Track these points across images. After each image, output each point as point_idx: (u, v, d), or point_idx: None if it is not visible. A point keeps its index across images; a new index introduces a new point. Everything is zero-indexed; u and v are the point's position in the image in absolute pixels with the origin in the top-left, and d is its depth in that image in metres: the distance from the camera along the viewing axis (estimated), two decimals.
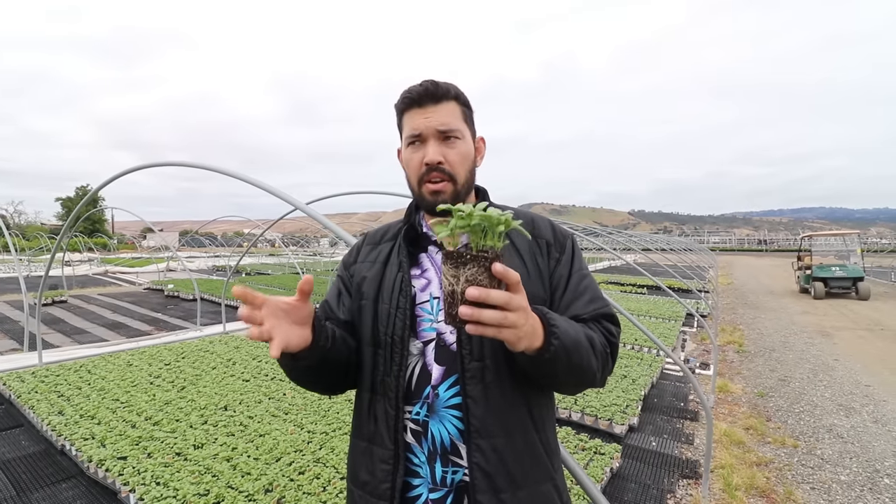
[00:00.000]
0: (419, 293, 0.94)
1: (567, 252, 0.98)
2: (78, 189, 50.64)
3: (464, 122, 0.96)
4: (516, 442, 0.87)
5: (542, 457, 0.90)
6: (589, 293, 0.94)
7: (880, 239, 43.98)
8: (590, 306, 0.92)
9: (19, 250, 18.92)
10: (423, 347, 0.91)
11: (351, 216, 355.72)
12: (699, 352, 6.58)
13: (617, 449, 3.20)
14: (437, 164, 0.91)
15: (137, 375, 4.56)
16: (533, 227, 1.00)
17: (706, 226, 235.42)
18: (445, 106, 0.93)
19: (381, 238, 1.06)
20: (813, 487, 3.11)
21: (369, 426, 0.92)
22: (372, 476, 0.89)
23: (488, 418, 0.85)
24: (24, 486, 2.86)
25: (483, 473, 0.84)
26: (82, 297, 11.60)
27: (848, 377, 5.41)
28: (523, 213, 1.03)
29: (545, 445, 0.91)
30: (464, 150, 0.94)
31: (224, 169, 2.85)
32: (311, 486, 2.59)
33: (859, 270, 11.90)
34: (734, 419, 4.21)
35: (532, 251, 0.96)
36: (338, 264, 5.15)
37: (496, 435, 0.85)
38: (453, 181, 0.92)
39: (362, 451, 0.93)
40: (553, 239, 0.98)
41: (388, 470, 0.87)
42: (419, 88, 0.92)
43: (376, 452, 0.90)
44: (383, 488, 0.87)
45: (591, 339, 0.83)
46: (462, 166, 0.94)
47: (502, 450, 0.85)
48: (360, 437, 0.95)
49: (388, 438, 0.88)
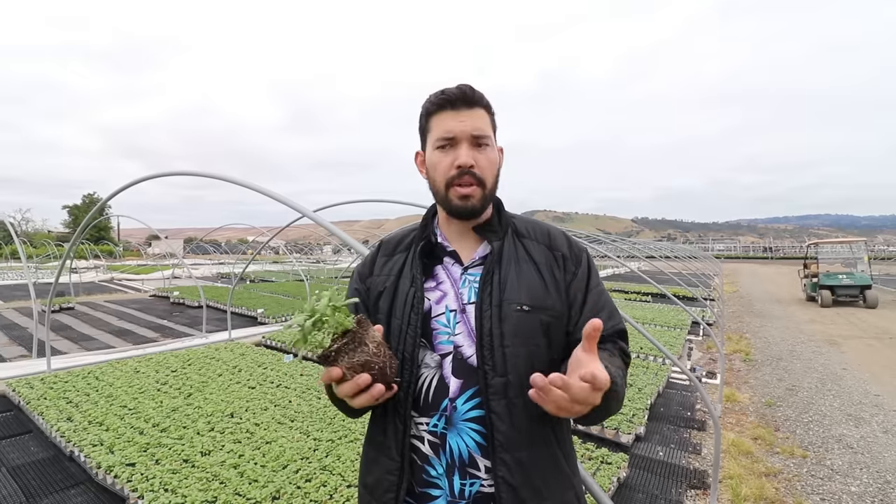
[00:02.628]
0: (434, 306, 0.94)
1: (583, 266, 0.97)
2: (85, 197, 51.14)
3: (490, 129, 0.96)
4: (539, 455, 0.87)
5: (563, 467, 0.91)
6: (606, 310, 0.94)
7: (887, 246, 43.65)
8: (608, 323, 0.92)
9: (27, 258, 19.10)
10: (441, 360, 0.90)
11: (354, 224, 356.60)
12: (705, 360, 6.54)
13: (624, 458, 3.18)
14: (470, 168, 0.91)
15: (144, 382, 4.58)
16: (549, 239, 0.99)
17: (710, 233, 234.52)
18: (478, 112, 0.93)
19: (394, 249, 1.04)
20: (823, 499, 3.08)
21: (378, 437, 0.94)
22: (378, 484, 0.92)
23: (512, 433, 0.85)
24: (34, 491, 2.87)
25: (508, 487, 0.84)
26: (89, 303, 11.68)
27: (857, 386, 5.36)
28: (538, 225, 1.03)
29: (566, 456, 0.92)
30: (493, 157, 0.95)
31: (233, 178, 2.89)
32: (317, 494, 2.60)
33: (867, 278, 11.80)
34: (742, 429, 4.17)
35: (549, 264, 0.95)
36: (341, 272, 5.12)
37: (520, 448, 0.85)
38: (482, 186, 0.92)
39: (372, 459, 0.95)
40: (569, 252, 0.98)
41: (393, 481, 0.89)
42: (455, 91, 0.92)
43: (383, 463, 0.91)
44: (388, 498, 0.89)
45: (622, 375, 0.84)
46: (490, 172, 0.94)
47: (527, 463, 0.86)
48: (371, 445, 0.97)
49: (395, 451, 0.90)
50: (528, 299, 0.89)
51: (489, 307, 0.88)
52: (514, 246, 0.96)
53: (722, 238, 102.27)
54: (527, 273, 0.92)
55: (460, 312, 0.92)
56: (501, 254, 0.94)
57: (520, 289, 0.90)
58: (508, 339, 0.87)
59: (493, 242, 0.95)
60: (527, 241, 0.98)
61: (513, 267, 0.93)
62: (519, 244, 0.97)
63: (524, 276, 0.92)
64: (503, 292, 0.89)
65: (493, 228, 0.97)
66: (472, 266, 0.96)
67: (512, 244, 0.96)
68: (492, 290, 0.90)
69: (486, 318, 0.88)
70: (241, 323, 8.81)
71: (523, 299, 0.89)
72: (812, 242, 14.56)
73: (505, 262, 0.93)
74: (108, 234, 46.56)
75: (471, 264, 0.96)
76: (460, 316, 0.92)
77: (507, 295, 0.89)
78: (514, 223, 1.00)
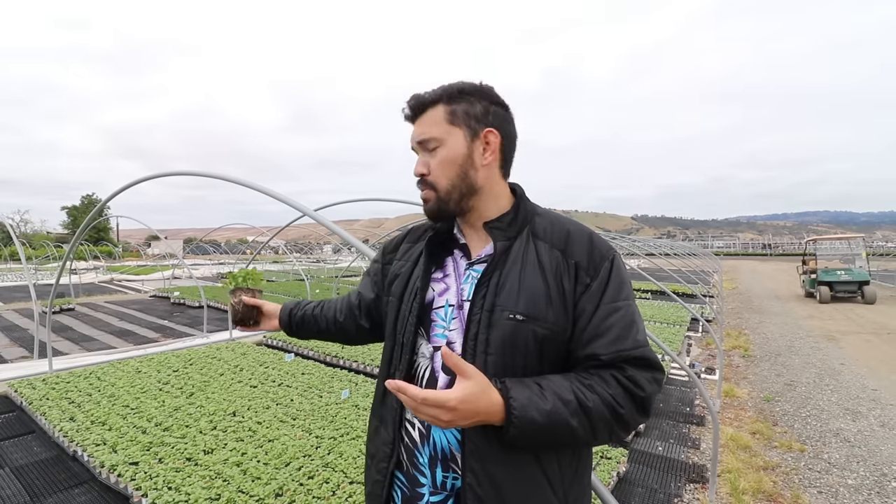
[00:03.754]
0: (437, 297, 0.94)
1: (600, 278, 0.84)
2: (83, 198, 51.06)
3: (448, 125, 0.89)
4: (513, 472, 0.81)
5: (545, 492, 0.83)
6: (615, 331, 0.81)
7: (886, 242, 43.71)
8: (612, 347, 0.80)
9: (26, 259, 19.09)
10: (433, 353, 0.91)
11: (354, 223, 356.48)
12: (704, 356, 6.57)
13: (623, 453, 3.21)
14: (422, 176, 0.93)
15: (146, 382, 4.60)
16: (566, 243, 0.88)
17: (710, 230, 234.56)
18: (429, 114, 0.91)
19: (419, 237, 1.05)
20: (820, 491, 3.11)
21: (381, 409, 0.99)
22: (378, 452, 0.97)
23: (484, 444, 0.80)
24: (38, 491, 2.90)
25: (475, 497, 0.80)
26: (89, 304, 11.69)
27: (854, 381, 5.40)
28: (560, 225, 0.92)
29: (551, 479, 0.83)
30: (444, 156, 0.90)
31: (234, 178, 2.91)
32: (320, 491, 2.62)
33: (865, 274, 11.84)
34: (740, 424, 4.21)
35: (559, 271, 0.85)
36: (342, 271, 5.15)
37: (491, 461, 0.81)
38: (434, 189, 0.92)
39: (374, 428, 1.01)
40: (587, 260, 0.86)
41: (388, 453, 0.94)
42: (406, 105, 0.93)
43: (382, 434, 0.97)
44: (382, 466, 0.95)
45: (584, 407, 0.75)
46: (444, 173, 0.90)
47: (497, 477, 0.81)
48: (375, 416, 1.02)
49: (391, 426, 0.94)
50: (524, 308, 0.82)
51: (479, 311, 0.84)
52: (526, 247, 0.88)
53: (721, 235, 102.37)
54: (531, 279, 0.84)
55: (458, 308, 0.90)
56: (507, 255, 0.88)
57: (518, 295, 0.83)
58: (493, 348, 0.82)
59: (498, 242, 0.89)
60: (540, 243, 0.89)
61: (517, 270, 0.85)
62: (531, 245, 0.88)
63: (527, 282, 0.84)
64: (497, 297, 0.83)
65: (503, 226, 0.90)
66: (478, 262, 0.93)
67: (523, 245, 0.88)
68: (486, 292, 0.85)
69: (475, 321, 0.84)
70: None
71: (519, 307, 0.82)
72: (811, 239, 14.58)
73: (509, 265, 0.86)
74: (108, 234, 46.52)
75: (476, 260, 0.93)
76: (457, 312, 0.90)
77: (501, 300, 0.83)
78: (536, 220, 0.92)
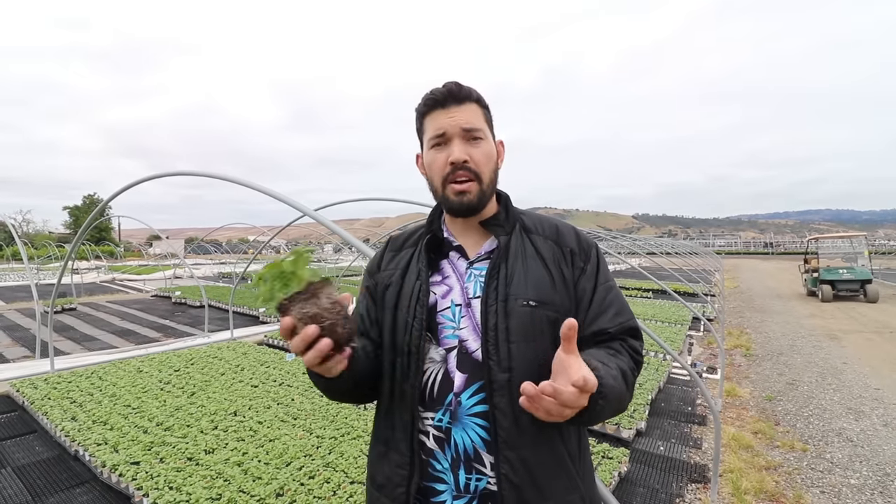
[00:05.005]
0: (440, 300, 0.94)
1: (592, 262, 0.95)
2: (85, 198, 51.20)
3: (486, 124, 0.95)
4: (544, 454, 0.86)
5: (569, 468, 0.89)
6: (615, 306, 0.92)
7: (888, 241, 43.58)
8: (615, 320, 0.91)
9: (28, 259, 19.17)
10: (446, 354, 0.90)
11: (354, 222, 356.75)
12: (706, 356, 6.55)
13: (625, 453, 3.20)
14: (463, 163, 0.90)
15: (148, 381, 4.61)
16: (557, 234, 0.98)
17: (711, 229, 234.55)
18: (468, 107, 0.93)
19: (402, 244, 1.05)
20: (823, 491, 3.10)
21: (387, 431, 0.94)
22: (388, 480, 0.91)
23: (515, 430, 0.84)
24: (39, 490, 2.90)
25: (511, 485, 0.83)
26: (91, 304, 11.72)
27: (857, 380, 5.38)
28: (547, 220, 1.02)
29: (572, 456, 0.90)
30: (488, 150, 0.94)
31: (234, 177, 2.91)
32: (321, 490, 2.62)
33: (867, 273, 11.80)
34: (742, 423, 4.19)
35: (556, 259, 0.94)
36: (342, 270, 5.15)
37: (523, 446, 0.85)
38: (479, 180, 0.92)
39: (380, 454, 0.94)
40: (577, 247, 0.96)
41: (404, 475, 0.88)
42: (442, 90, 0.93)
43: (393, 457, 0.91)
44: (398, 492, 0.89)
45: (625, 375, 0.82)
46: (487, 166, 0.93)
47: (531, 462, 0.85)
48: (379, 441, 0.96)
49: (404, 444, 0.89)
50: (534, 295, 0.88)
51: (494, 302, 0.88)
52: (522, 241, 0.95)
53: (723, 234, 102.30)
54: (534, 268, 0.91)
55: (465, 307, 0.91)
56: (508, 249, 0.93)
57: (527, 284, 0.89)
58: (514, 335, 0.86)
59: (500, 237, 0.94)
60: (534, 237, 0.96)
61: (520, 262, 0.92)
62: (526, 239, 0.96)
63: (531, 272, 0.91)
64: (509, 287, 0.88)
65: (500, 223, 0.96)
66: (478, 260, 0.96)
67: (519, 239, 0.95)
68: (497, 284, 0.89)
69: (492, 312, 0.87)
70: (243, 322, 8.83)
71: (530, 294, 0.88)
72: (813, 237, 14.54)
73: (512, 257, 0.92)
74: (109, 234, 46.64)
75: (477, 259, 0.96)
76: (465, 310, 0.91)
77: (513, 290, 0.88)
78: (523, 218, 1.00)
